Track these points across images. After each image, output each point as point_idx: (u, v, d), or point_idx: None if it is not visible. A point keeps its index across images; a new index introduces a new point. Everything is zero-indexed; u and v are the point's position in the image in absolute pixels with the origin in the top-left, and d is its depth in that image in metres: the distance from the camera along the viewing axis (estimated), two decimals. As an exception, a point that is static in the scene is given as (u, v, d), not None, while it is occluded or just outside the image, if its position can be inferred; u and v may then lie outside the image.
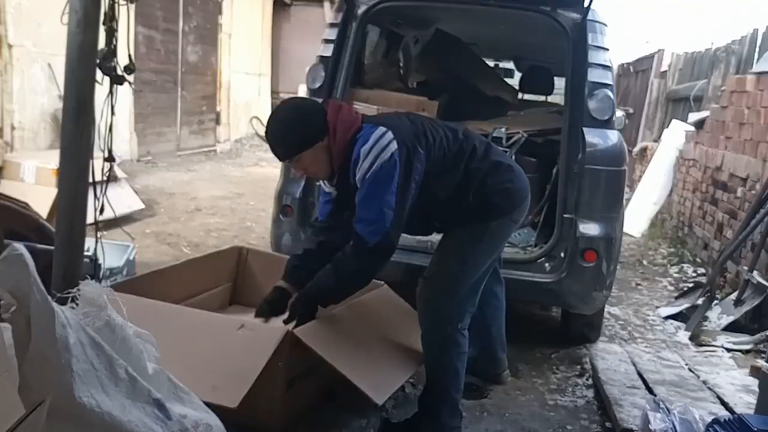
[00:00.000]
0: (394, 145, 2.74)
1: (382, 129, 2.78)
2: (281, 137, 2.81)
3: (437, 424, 3.04)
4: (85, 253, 2.53)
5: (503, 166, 3.06)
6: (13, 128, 7.52)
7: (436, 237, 4.03)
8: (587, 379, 3.91)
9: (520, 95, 6.38)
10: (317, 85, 4.24)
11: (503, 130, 4.53)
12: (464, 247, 3.01)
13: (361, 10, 4.25)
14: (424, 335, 3.06)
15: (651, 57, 11.82)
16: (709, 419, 2.72)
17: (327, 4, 14.84)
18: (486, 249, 3.04)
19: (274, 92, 15.77)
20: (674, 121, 9.08)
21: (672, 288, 6.21)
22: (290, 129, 2.79)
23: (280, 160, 3.00)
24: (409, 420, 3.13)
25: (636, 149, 10.46)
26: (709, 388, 3.62)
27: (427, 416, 3.06)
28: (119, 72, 2.64)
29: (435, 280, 3.03)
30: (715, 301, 5.17)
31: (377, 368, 2.92)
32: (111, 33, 2.56)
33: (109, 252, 3.62)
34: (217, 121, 13.15)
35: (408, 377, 3.18)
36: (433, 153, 2.88)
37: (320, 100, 3.22)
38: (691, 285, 5.94)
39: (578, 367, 4.11)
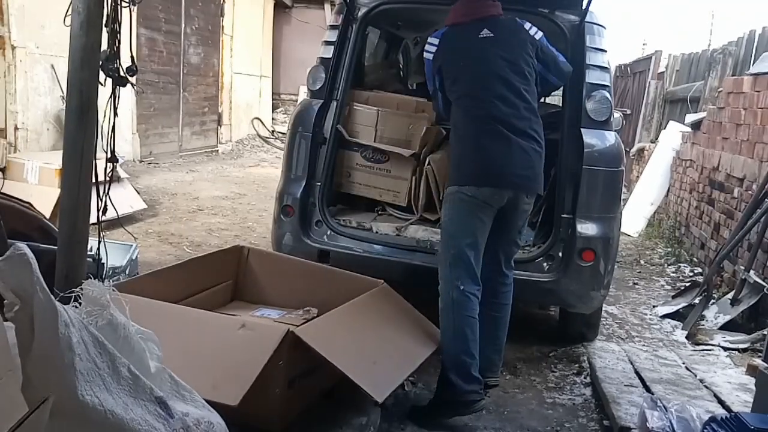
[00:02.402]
0: (431, 48, 3.47)
1: (437, 36, 3.48)
2: None
3: (453, 388, 3.19)
4: (88, 253, 2.54)
5: (485, 141, 3.26)
6: (16, 129, 7.54)
7: (435, 237, 4.08)
8: (585, 378, 3.94)
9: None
10: (318, 86, 4.26)
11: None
12: (443, 218, 3.39)
13: (361, 13, 4.27)
14: (439, 303, 3.31)
15: (648, 58, 11.82)
16: (706, 417, 2.75)
17: (327, 6, 14.86)
18: (451, 215, 3.32)
19: (275, 93, 15.79)
20: (671, 122, 9.10)
21: (669, 287, 6.23)
22: None
23: None
24: (432, 400, 3.28)
25: (633, 150, 10.46)
26: (706, 387, 3.64)
27: (443, 385, 3.23)
28: (122, 73, 2.64)
29: (438, 254, 3.44)
30: (712, 301, 5.20)
31: (377, 366, 2.92)
32: (114, 35, 2.56)
33: (112, 252, 3.64)
34: (219, 122, 13.17)
35: (408, 375, 3.20)
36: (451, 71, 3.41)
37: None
38: (687, 284, 5.96)
39: (576, 365, 4.14)
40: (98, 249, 3.01)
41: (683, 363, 4.03)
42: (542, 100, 6.60)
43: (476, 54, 3.35)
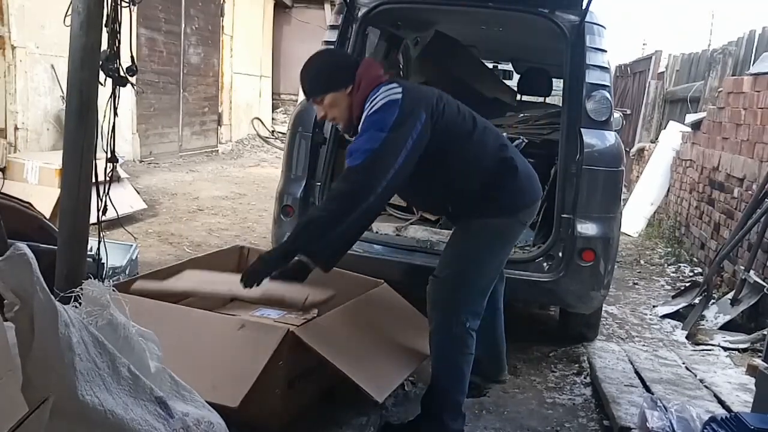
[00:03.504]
0: (398, 96, 2.82)
1: (394, 84, 2.89)
2: (312, 76, 3.00)
3: (440, 427, 3.02)
4: (88, 253, 2.54)
5: (514, 166, 3.07)
6: (16, 129, 7.55)
7: (435, 237, 4.09)
8: (585, 378, 3.94)
9: (518, 96, 6.41)
10: (318, 86, 4.25)
11: (503, 134, 4.57)
12: (472, 246, 3.04)
13: (361, 13, 4.27)
14: (432, 334, 3.06)
15: (648, 58, 11.84)
16: (706, 417, 2.74)
17: (327, 7, 14.87)
18: (493, 249, 3.07)
19: (275, 93, 15.81)
20: (671, 122, 9.12)
21: (669, 287, 6.24)
22: (321, 70, 3.00)
23: (306, 97, 3.09)
24: (411, 422, 3.14)
25: (633, 150, 10.48)
26: (706, 387, 3.64)
27: (429, 418, 3.06)
28: (122, 73, 2.65)
29: (444, 280, 3.03)
30: (712, 301, 5.20)
31: (377, 366, 2.93)
32: (114, 35, 2.57)
33: (112, 252, 3.64)
34: (219, 122, 13.18)
35: (408, 375, 3.21)
36: (441, 123, 2.91)
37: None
38: (687, 284, 5.96)
39: (576, 365, 4.14)
40: (98, 249, 3.02)
41: (683, 363, 4.03)
42: (543, 99, 6.66)
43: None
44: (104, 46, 2.47)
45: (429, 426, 3.05)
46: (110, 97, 2.68)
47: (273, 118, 15.74)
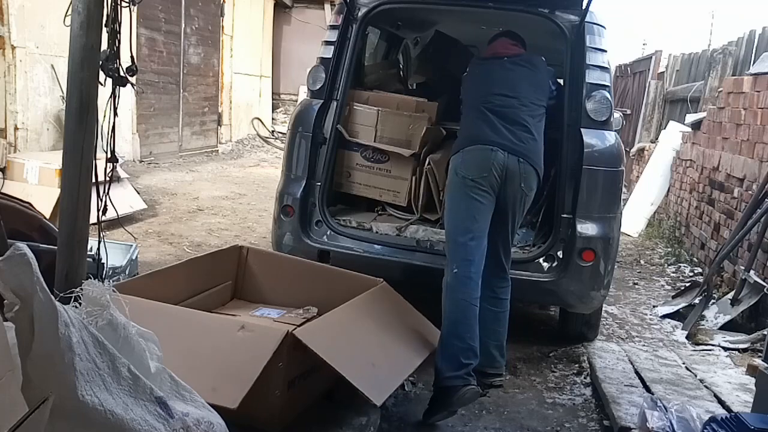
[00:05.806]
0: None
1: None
2: None
3: (435, 374, 3.22)
4: (88, 253, 2.54)
5: (481, 128, 3.47)
6: (16, 129, 7.55)
7: (435, 237, 4.09)
8: (585, 378, 3.94)
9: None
10: (318, 86, 4.27)
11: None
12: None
13: (361, 13, 4.28)
14: None
15: (648, 58, 11.85)
16: (706, 417, 2.75)
17: (327, 7, 14.86)
18: (448, 200, 3.48)
19: (275, 94, 15.80)
20: (671, 122, 9.12)
21: (669, 287, 6.24)
22: None
23: None
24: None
25: (633, 150, 10.48)
26: (706, 387, 3.64)
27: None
28: (122, 73, 2.64)
29: None
30: (712, 301, 5.20)
31: (376, 368, 2.92)
32: (114, 35, 2.56)
33: (112, 252, 3.64)
34: (219, 122, 13.18)
35: (407, 376, 3.20)
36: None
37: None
38: (687, 284, 5.96)
39: (576, 365, 4.14)
40: (98, 249, 3.01)
41: (683, 363, 4.03)
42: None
43: (491, 68, 3.71)
44: (104, 46, 2.46)
45: (435, 377, 3.25)
46: (110, 97, 2.67)
47: (273, 118, 15.74)
